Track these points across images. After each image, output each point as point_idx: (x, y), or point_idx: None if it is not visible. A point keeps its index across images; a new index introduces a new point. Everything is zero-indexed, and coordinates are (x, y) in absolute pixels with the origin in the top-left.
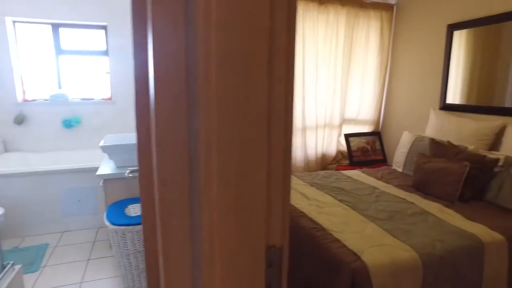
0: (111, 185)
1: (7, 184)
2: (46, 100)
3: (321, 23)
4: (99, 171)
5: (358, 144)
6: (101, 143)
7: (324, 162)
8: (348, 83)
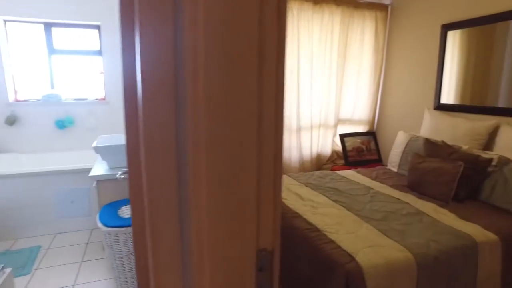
0: (104, 186)
1: None
2: (39, 100)
3: (315, 23)
4: (92, 172)
5: (353, 144)
6: (94, 144)
7: (319, 162)
8: (343, 83)
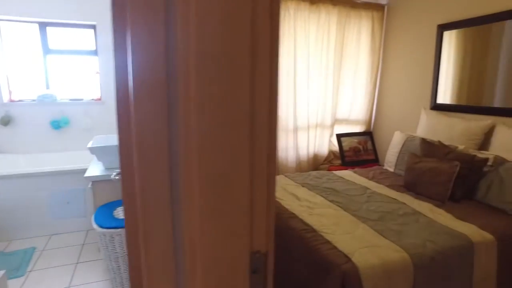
0: (99, 187)
1: None
2: (34, 100)
3: (312, 23)
4: (88, 173)
5: (350, 144)
6: (89, 144)
7: (316, 162)
8: (339, 83)
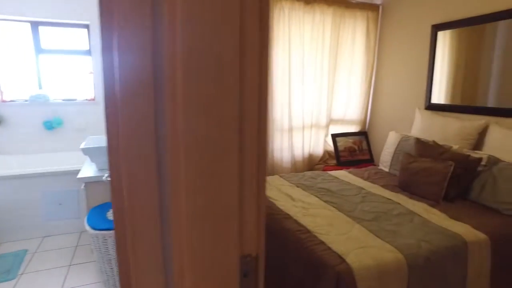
0: (92, 188)
1: None
2: (26, 100)
3: (307, 23)
4: (81, 174)
5: (345, 144)
6: (82, 145)
7: (311, 162)
8: (334, 83)
